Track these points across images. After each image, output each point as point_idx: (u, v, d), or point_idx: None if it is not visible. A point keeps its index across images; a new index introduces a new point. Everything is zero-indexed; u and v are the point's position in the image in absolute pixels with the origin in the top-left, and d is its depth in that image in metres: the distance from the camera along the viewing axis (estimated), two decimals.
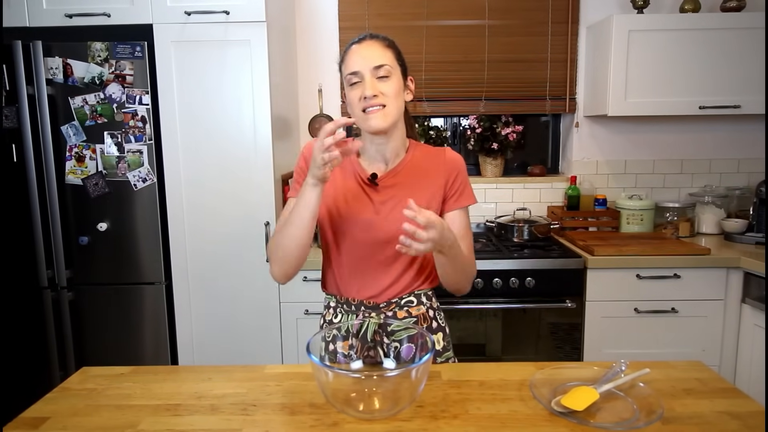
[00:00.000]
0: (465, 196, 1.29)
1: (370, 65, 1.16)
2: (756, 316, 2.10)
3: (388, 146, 1.25)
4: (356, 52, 1.19)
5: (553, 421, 0.97)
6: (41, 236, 2.17)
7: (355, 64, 1.18)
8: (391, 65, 1.18)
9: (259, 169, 2.18)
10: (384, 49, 1.19)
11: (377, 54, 1.18)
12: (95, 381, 1.17)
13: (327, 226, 1.28)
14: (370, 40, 1.20)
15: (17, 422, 1.00)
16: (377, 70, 1.17)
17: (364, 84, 1.16)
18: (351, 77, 1.18)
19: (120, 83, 2.11)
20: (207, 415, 1.01)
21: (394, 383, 1.00)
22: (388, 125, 1.19)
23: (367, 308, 1.27)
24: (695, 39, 2.34)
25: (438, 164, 1.28)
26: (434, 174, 1.27)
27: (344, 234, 1.26)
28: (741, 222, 2.51)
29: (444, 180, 1.27)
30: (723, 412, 0.99)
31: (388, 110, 1.18)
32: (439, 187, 1.27)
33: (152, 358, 2.28)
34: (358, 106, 1.18)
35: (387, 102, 1.17)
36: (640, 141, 2.77)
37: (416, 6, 2.65)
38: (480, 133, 2.74)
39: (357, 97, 1.18)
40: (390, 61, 1.19)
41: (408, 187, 1.26)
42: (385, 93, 1.17)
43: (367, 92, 1.16)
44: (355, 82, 1.18)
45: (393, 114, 1.19)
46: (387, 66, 1.18)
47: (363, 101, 1.17)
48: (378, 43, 1.20)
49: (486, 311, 2.24)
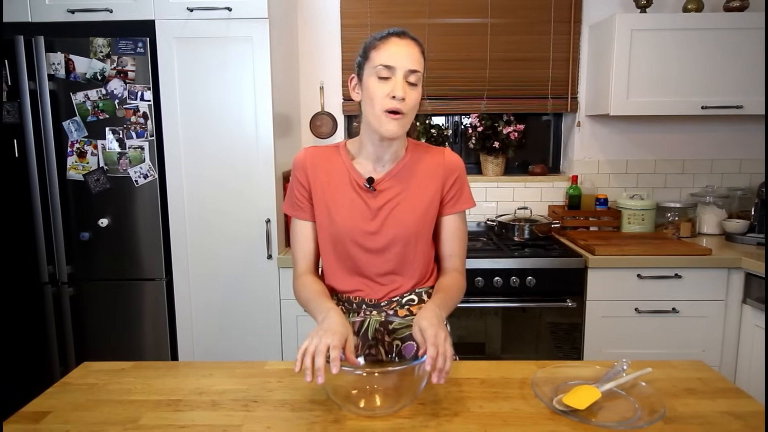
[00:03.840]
0: (463, 200, 1.28)
1: (407, 66, 1.11)
2: (757, 316, 2.10)
3: (386, 150, 1.23)
4: (397, 45, 1.12)
5: (555, 419, 0.97)
6: (42, 232, 2.17)
7: (392, 58, 1.11)
8: (421, 74, 1.15)
9: (261, 166, 2.18)
10: (420, 56, 1.15)
11: (416, 58, 1.14)
12: (96, 376, 1.17)
13: (324, 234, 1.26)
14: (411, 40, 1.15)
15: (18, 416, 1.00)
16: (410, 74, 1.12)
17: (395, 83, 1.11)
18: (382, 69, 1.11)
19: (122, 79, 2.11)
20: (208, 411, 1.01)
21: (395, 380, 1.00)
22: (401, 135, 1.17)
23: (368, 307, 1.27)
24: (698, 39, 2.33)
25: (436, 166, 1.26)
26: (432, 177, 1.25)
27: (342, 241, 1.24)
28: (742, 222, 2.51)
29: (442, 183, 1.25)
30: (725, 412, 0.99)
31: (406, 121, 1.15)
32: (437, 191, 1.25)
33: (152, 355, 2.28)
34: (382, 103, 1.12)
35: (408, 111, 1.14)
36: (641, 141, 2.76)
37: (418, 4, 2.65)
38: (481, 131, 2.74)
39: (384, 92, 1.11)
40: (422, 69, 1.15)
41: (405, 193, 1.23)
42: (408, 101, 1.13)
43: (398, 92, 1.10)
44: (385, 76, 1.12)
45: (407, 125, 1.17)
46: (419, 74, 1.14)
47: (389, 100, 1.11)
48: (417, 47, 1.15)
49: (486, 310, 2.24)
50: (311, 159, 1.27)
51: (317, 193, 1.26)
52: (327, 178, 1.25)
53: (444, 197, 1.26)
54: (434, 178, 1.25)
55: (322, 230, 1.27)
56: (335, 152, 1.28)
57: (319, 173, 1.26)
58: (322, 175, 1.25)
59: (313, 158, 1.27)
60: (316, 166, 1.26)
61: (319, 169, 1.26)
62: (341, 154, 1.27)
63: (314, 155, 1.27)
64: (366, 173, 1.24)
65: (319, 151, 1.28)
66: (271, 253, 2.22)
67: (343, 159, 1.26)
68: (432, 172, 1.25)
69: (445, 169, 1.26)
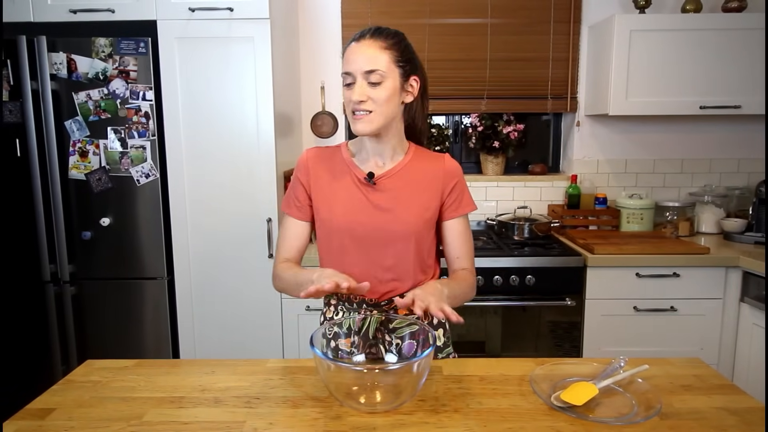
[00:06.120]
0: (463, 204, 1.30)
1: (362, 68, 1.14)
2: (754, 315, 2.11)
3: (380, 146, 1.25)
4: (353, 51, 1.16)
5: (553, 415, 0.98)
6: (44, 231, 2.18)
7: (348, 64, 1.16)
8: (384, 70, 1.15)
9: (262, 166, 2.19)
10: (380, 52, 1.15)
11: (371, 58, 1.15)
12: (100, 374, 1.18)
13: (324, 230, 1.28)
14: (369, 40, 1.16)
15: (24, 413, 1.01)
16: (368, 75, 1.15)
17: (354, 88, 1.16)
18: (345, 77, 1.17)
19: (124, 79, 2.12)
20: (211, 408, 1.02)
21: (395, 377, 1.01)
22: (371, 131, 1.18)
23: (368, 306, 1.28)
24: (697, 39, 2.34)
25: (436, 171, 1.28)
26: (432, 180, 1.28)
27: (341, 236, 1.26)
28: (740, 221, 2.52)
29: (441, 188, 1.28)
30: (721, 408, 1.00)
31: (373, 117, 1.17)
32: (436, 195, 1.27)
33: (154, 353, 2.29)
34: (349, 106, 1.19)
35: (374, 108, 1.16)
36: (640, 140, 2.78)
37: (419, 4, 2.66)
38: (481, 131, 2.75)
39: (348, 97, 1.18)
40: (384, 65, 1.15)
41: (404, 191, 1.26)
42: (373, 99, 1.15)
43: (354, 97, 1.15)
44: (348, 82, 1.17)
45: (378, 120, 1.18)
46: (379, 72, 1.14)
47: (355, 104, 1.17)
48: (376, 45, 1.16)
49: (486, 308, 2.26)
50: (313, 159, 1.31)
51: (318, 191, 1.28)
52: (328, 175, 1.28)
53: (445, 202, 1.29)
54: (434, 182, 1.28)
55: (323, 226, 1.29)
56: (337, 151, 1.32)
57: (320, 172, 1.29)
58: (323, 173, 1.29)
59: (315, 158, 1.31)
60: (317, 166, 1.30)
61: (320, 168, 1.29)
62: (342, 152, 1.31)
63: (316, 155, 1.31)
64: (367, 169, 1.27)
65: (321, 151, 1.33)
66: (272, 252, 2.23)
67: (344, 157, 1.30)
68: (432, 177, 1.28)
69: (445, 174, 1.28)
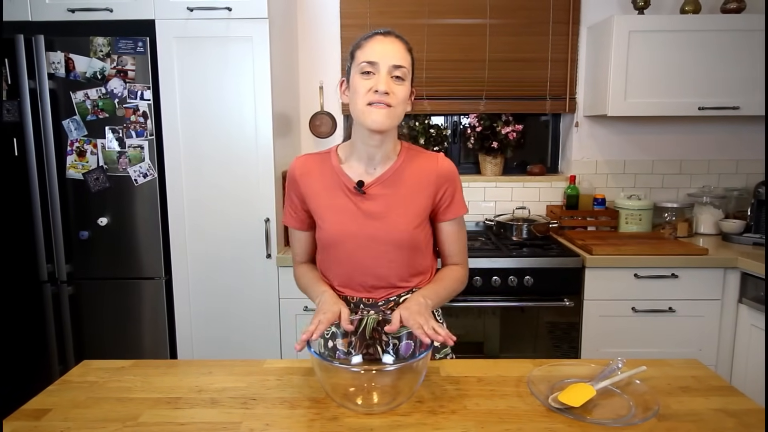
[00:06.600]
0: (456, 207, 1.27)
1: (390, 62, 1.13)
2: (753, 316, 2.11)
3: (380, 149, 1.22)
4: (380, 42, 1.15)
5: (550, 416, 0.98)
6: (42, 230, 2.18)
7: (375, 54, 1.13)
8: (408, 70, 1.16)
9: (260, 166, 2.19)
10: (405, 52, 1.17)
11: (400, 54, 1.15)
12: (96, 374, 1.17)
13: (318, 237, 1.28)
14: (395, 38, 1.17)
15: (19, 414, 1.00)
16: (395, 69, 1.13)
17: (378, 78, 1.12)
18: (366, 65, 1.13)
19: (122, 78, 2.11)
20: (207, 409, 1.02)
21: (392, 378, 1.01)
22: (389, 126, 1.16)
23: (366, 306, 1.28)
24: (695, 40, 2.34)
25: (429, 172, 1.24)
26: (424, 183, 1.24)
27: (334, 246, 1.25)
28: (739, 223, 2.52)
29: (434, 191, 1.24)
30: (719, 409, 1.00)
31: (394, 111, 1.15)
32: (429, 197, 1.24)
33: (151, 353, 2.28)
34: (365, 97, 1.13)
35: (394, 104, 1.14)
36: (639, 141, 2.78)
37: (418, 4, 2.66)
38: (480, 131, 2.75)
39: (366, 87, 1.13)
40: (408, 65, 1.16)
41: (396, 197, 1.23)
42: (396, 94, 1.14)
43: (380, 86, 1.11)
44: (368, 71, 1.13)
45: (397, 116, 1.17)
46: (405, 69, 1.15)
47: (371, 94, 1.12)
48: (402, 44, 1.17)
49: (484, 309, 2.25)
50: (301, 169, 1.27)
51: (310, 200, 1.27)
52: (318, 184, 1.26)
53: (438, 204, 1.26)
54: (427, 184, 1.24)
55: (317, 233, 1.28)
56: (326, 158, 1.28)
57: (310, 181, 1.26)
58: (312, 182, 1.26)
59: (302, 168, 1.27)
60: (306, 175, 1.26)
61: (310, 177, 1.26)
62: (332, 158, 1.27)
63: (304, 164, 1.28)
64: (356, 177, 1.23)
65: (309, 158, 1.29)
66: (270, 252, 2.22)
67: (333, 164, 1.26)
68: (425, 178, 1.24)
69: (438, 176, 1.25)
